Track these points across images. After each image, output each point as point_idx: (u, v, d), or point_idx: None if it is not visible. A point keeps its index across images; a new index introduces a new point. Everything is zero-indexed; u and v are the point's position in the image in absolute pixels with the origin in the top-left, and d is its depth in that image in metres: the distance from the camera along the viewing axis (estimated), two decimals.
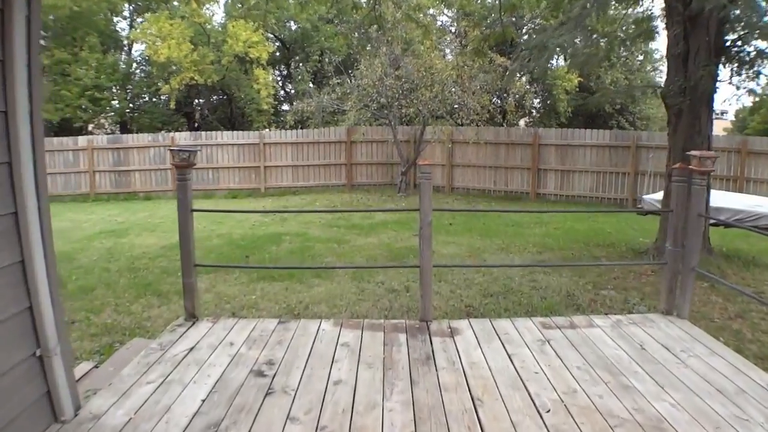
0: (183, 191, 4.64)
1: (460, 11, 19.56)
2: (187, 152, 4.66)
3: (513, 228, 11.42)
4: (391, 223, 11.85)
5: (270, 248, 9.55)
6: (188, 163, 4.61)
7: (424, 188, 4.48)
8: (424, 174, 4.48)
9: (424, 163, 4.47)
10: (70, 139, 18.36)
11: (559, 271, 7.84)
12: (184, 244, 4.77)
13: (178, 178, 4.72)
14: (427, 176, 4.45)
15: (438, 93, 15.12)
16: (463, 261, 8.32)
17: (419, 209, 4.55)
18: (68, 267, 8.90)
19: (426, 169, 4.44)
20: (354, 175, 18.20)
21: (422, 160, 4.04)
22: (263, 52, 21.08)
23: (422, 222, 4.51)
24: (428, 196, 4.47)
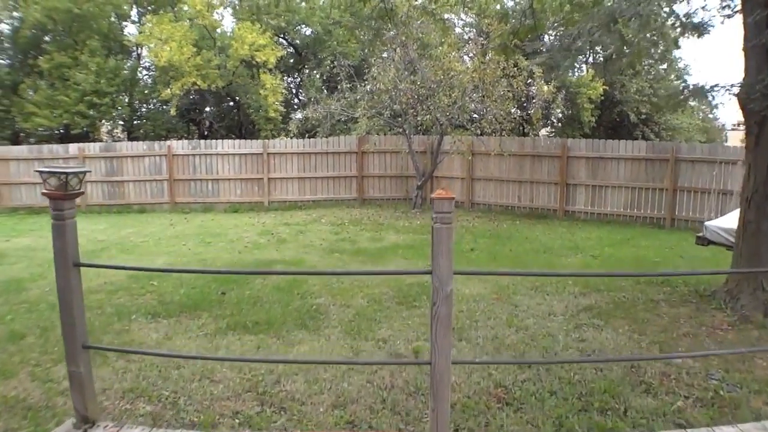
0: (61, 235, 3.07)
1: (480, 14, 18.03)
2: (64, 174, 3.07)
3: (545, 256, 9.71)
4: (402, 248, 10.21)
5: (255, 281, 7.94)
6: (66, 192, 3.02)
7: (441, 238, 2.83)
8: (440, 216, 2.83)
9: (442, 197, 2.83)
10: (61, 146, 17.10)
11: (611, 323, 6.14)
12: (65, 316, 3.20)
13: (53, 215, 3.14)
14: (446, 218, 2.81)
15: (457, 99, 13.52)
16: (490, 306, 6.63)
17: (431, 271, 2.89)
18: (13, 300, 7.48)
19: (443, 206, 2.80)
20: (365, 188, 16.61)
21: (438, 192, 2.31)
22: (271, 55, 19.62)
23: (436, 295, 2.89)
24: (447, 249, 2.83)
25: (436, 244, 2.82)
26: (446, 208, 2.77)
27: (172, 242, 11.25)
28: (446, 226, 2.81)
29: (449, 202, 2.80)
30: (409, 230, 12.18)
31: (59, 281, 3.35)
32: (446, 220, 2.80)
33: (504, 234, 11.82)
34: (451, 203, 2.82)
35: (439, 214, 2.79)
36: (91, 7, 20.81)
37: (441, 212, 2.78)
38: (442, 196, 2.80)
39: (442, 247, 2.81)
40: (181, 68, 19.08)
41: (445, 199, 2.77)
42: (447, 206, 2.78)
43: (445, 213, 2.79)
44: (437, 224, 2.82)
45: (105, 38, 22.03)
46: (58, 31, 21.48)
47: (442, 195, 2.81)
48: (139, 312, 6.70)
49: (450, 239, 2.85)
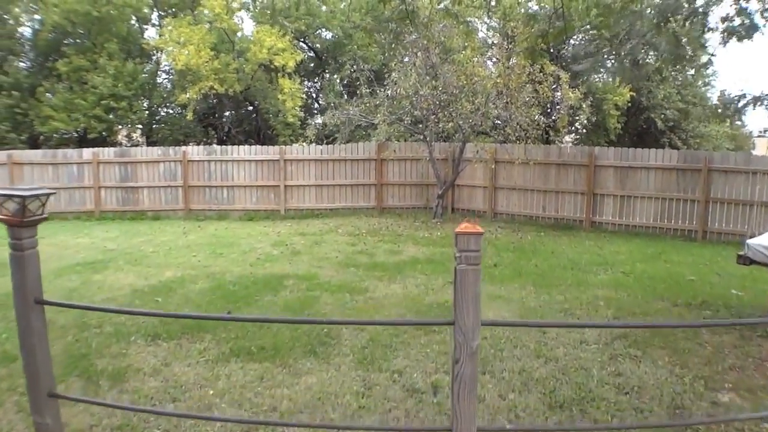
0: (20, 268, 2.63)
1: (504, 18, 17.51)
2: (21, 197, 2.62)
3: (572, 272, 9.11)
4: (422, 262, 9.68)
5: (264, 298, 7.49)
6: (24, 218, 2.56)
7: (466, 282, 2.31)
8: (465, 254, 2.31)
9: (468, 231, 2.31)
10: (75, 151, 16.82)
11: (649, 354, 5.58)
12: (27, 361, 2.76)
13: (10, 244, 2.70)
14: (472, 258, 2.29)
15: (480, 105, 12.98)
16: (516, 333, 6.08)
17: (453, 322, 2.37)
18: (10, 316, 6.92)
19: (470, 243, 2.29)
20: (384, 196, 16.09)
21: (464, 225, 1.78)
22: (289, 59, 19.21)
23: (460, 351, 2.36)
24: (474, 296, 2.31)
25: (460, 290, 2.30)
26: (473, 246, 2.26)
27: (182, 253, 10.83)
28: (473, 267, 2.29)
29: (476, 239, 2.28)
30: (429, 242, 11.64)
31: (19, 321, 2.91)
32: (473, 260, 2.28)
33: (528, 247, 11.24)
34: (479, 240, 2.31)
35: (464, 253, 2.27)
36: (110, 10, 20.62)
37: (466, 250, 2.26)
38: (468, 231, 2.28)
39: (467, 293, 2.29)
40: (199, 72, 18.77)
41: (471, 235, 2.26)
42: (474, 243, 2.26)
43: (471, 252, 2.28)
44: (462, 265, 2.30)
45: (124, 41, 21.85)
46: (78, 34, 21.32)
47: (468, 229, 2.30)
48: (139, 332, 6.26)
49: (477, 284, 2.33)
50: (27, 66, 22.23)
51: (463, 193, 15.90)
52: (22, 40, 22.35)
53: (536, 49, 8.81)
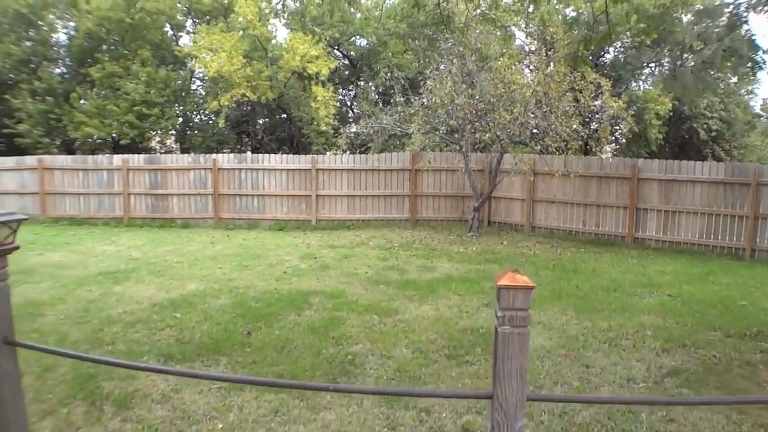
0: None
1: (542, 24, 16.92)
2: None
3: (616, 295, 8.48)
4: (456, 280, 9.13)
5: (287, 318, 7.05)
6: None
7: (510, 349, 1.80)
8: (510, 314, 1.80)
9: (515, 285, 1.80)
10: (105, 157, 16.77)
11: (703, 395, 5.00)
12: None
13: None
14: (519, 318, 1.80)
15: (519, 115, 12.42)
16: (557, 366, 5.53)
17: (492, 396, 1.86)
18: (25, 327, 6.81)
19: (517, 300, 1.78)
20: (418, 208, 15.58)
21: (508, 275, 1.23)
22: (323, 67, 18.87)
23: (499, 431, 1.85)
24: (519, 367, 1.81)
25: (502, 358, 1.80)
26: (520, 303, 1.76)
27: (207, 264, 10.49)
28: (519, 330, 1.80)
29: (525, 295, 1.78)
30: (464, 258, 11.08)
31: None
32: (519, 322, 1.78)
33: (569, 265, 10.61)
34: (528, 296, 1.81)
35: (509, 312, 1.77)
36: (144, 17, 20.61)
37: (511, 309, 1.77)
38: (514, 285, 1.78)
39: (511, 363, 1.80)
40: (231, 79, 18.56)
41: (519, 289, 1.76)
42: (521, 300, 1.76)
43: (517, 310, 1.78)
44: (505, 327, 1.80)
45: (157, 48, 21.85)
46: (111, 40, 21.38)
47: (515, 282, 1.79)
48: (152, 353, 5.90)
49: (524, 351, 1.83)
50: (61, 72, 22.38)
51: (499, 206, 15.31)
52: (57, 46, 22.52)
53: (579, 55, 8.22)
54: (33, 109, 19.78)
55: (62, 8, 21.63)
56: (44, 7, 21.01)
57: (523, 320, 1.84)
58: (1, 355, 2.49)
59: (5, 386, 2.52)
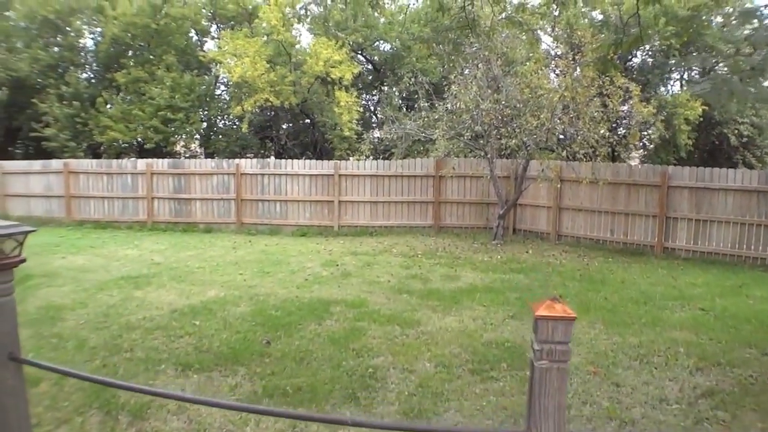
0: None
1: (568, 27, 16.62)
2: None
3: (646, 308, 8.19)
4: (480, 290, 8.91)
5: (307, 328, 6.90)
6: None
7: (548, 385, 1.61)
8: (548, 347, 1.61)
9: (555, 316, 1.61)
10: (129, 161, 16.86)
11: (740, 418, 4.74)
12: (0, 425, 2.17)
13: None
14: (559, 352, 1.62)
15: (546, 120, 12.17)
16: (585, 385, 5.30)
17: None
18: (44, 332, 6.78)
19: (556, 332, 1.60)
20: (442, 215, 15.36)
21: (548, 304, 1.04)
22: (346, 72, 18.78)
23: None
24: (557, 406, 1.63)
25: (539, 395, 1.62)
26: (560, 336, 1.58)
27: (229, 270, 10.40)
28: (558, 365, 1.62)
29: (565, 326, 1.60)
30: (488, 267, 10.85)
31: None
32: (558, 356, 1.60)
33: (596, 276, 10.32)
34: (569, 328, 1.63)
35: (547, 345, 1.60)
36: (169, 23, 20.74)
37: (550, 341, 1.59)
38: (554, 315, 1.59)
39: (548, 400, 1.62)
40: (254, 84, 18.55)
41: (559, 320, 1.58)
42: (562, 332, 1.58)
43: (556, 344, 1.60)
44: (542, 362, 1.62)
45: (182, 54, 22.01)
46: (137, 46, 21.56)
47: (554, 312, 1.61)
48: (170, 361, 5.80)
49: (563, 389, 1.65)
50: (88, 77, 22.63)
51: (525, 213, 15.03)
52: (84, 51, 22.79)
53: (609, 59, 7.98)
54: (60, 114, 19.98)
55: (89, 14, 21.91)
56: (71, 13, 21.28)
57: (563, 354, 1.66)
58: (6, 371, 2.36)
59: (9, 402, 2.39)
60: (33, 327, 6.96)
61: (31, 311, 7.65)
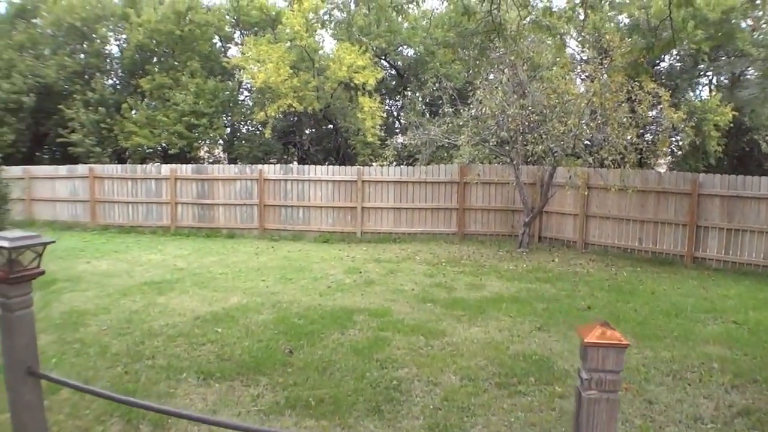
0: (8, 332, 2.03)
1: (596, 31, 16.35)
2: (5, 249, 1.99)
3: (677, 321, 7.94)
4: (507, 300, 8.73)
5: (330, 337, 6.78)
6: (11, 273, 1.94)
7: (596, 418, 1.47)
8: (598, 376, 1.47)
9: (606, 343, 1.47)
10: (154, 167, 16.93)
11: None
12: None
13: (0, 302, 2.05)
14: (609, 381, 1.50)
15: (574, 126, 11.95)
16: None
17: None
18: (67, 337, 6.79)
19: (607, 360, 1.46)
20: (466, 222, 15.17)
21: (598, 330, 0.91)
22: (370, 77, 18.69)
23: None
24: None
25: (587, 428, 1.49)
26: (611, 365, 1.46)
27: (251, 276, 10.34)
28: (608, 396, 1.50)
29: (617, 355, 1.48)
30: (514, 276, 10.65)
31: (9, 394, 2.26)
32: (608, 386, 1.48)
33: (625, 286, 10.07)
34: (621, 356, 1.49)
35: (596, 374, 1.47)
36: (193, 29, 20.87)
37: (600, 370, 1.46)
38: (605, 342, 1.46)
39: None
40: (278, 90, 18.55)
41: (610, 348, 1.44)
42: (613, 361, 1.46)
43: (607, 372, 1.47)
44: (591, 392, 1.50)
45: (206, 60, 22.14)
46: (161, 52, 21.73)
47: (606, 339, 1.47)
48: (192, 369, 5.73)
49: (612, 421, 1.51)
50: (113, 83, 22.86)
51: (551, 221, 14.78)
52: (109, 58, 23.03)
53: (640, 63, 7.78)
54: (86, 119, 20.17)
55: (114, 21, 22.16)
56: (97, 21, 21.52)
57: (614, 384, 1.52)
58: (24, 386, 2.28)
59: (27, 418, 2.31)
60: (56, 332, 6.97)
61: (55, 316, 7.66)
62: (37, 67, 20.98)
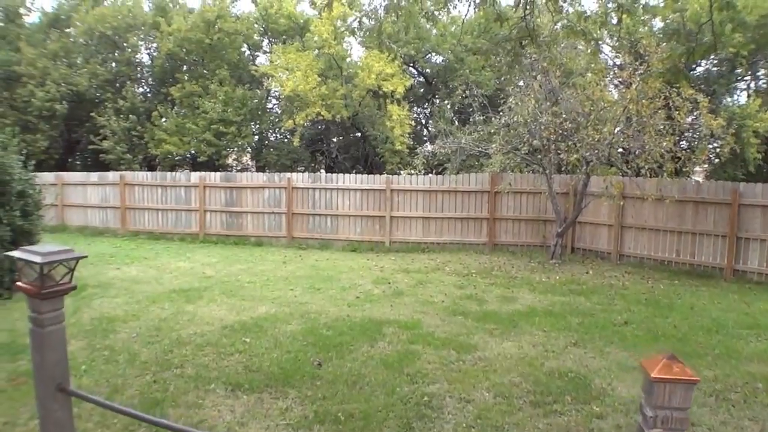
0: (39, 347, 1.94)
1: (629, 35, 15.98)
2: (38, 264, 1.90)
3: (718, 337, 7.63)
4: (540, 313, 8.50)
5: (359, 349, 6.64)
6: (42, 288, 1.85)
7: None
8: (665, 414, 1.36)
9: (676, 378, 1.33)
10: (183, 174, 17.02)
11: None
12: None
13: (30, 318, 1.97)
14: (677, 420, 1.38)
15: (609, 134, 11.68)
16: None
17: None
18: (97, 344, 6.79)
19: (675, 397, 1.33)
20: (497, 232, 14.92)
21: (665, 364, 0.77)
22: (398, 85, 18.60)
23: None
24: None
25: None
26: (679, 401, 1.33)
27: (279, 285, 10.25)
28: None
29: (685, 391, 1.35)
30: (546, 288, 10.40)
31: (39, 410, 2.16)
32: (675, 424, 1.41)
33: (663, 300, 9.74)
34: (690, 392, 1.34)
35: (663, 411, 1.34)
36: (222, 38, 21.03)
37: (667, 407, 1.32)
38: (672, 378, 1.31)
39: None
40: (306, 98, 18.55)
41: (677, 384, 1.30)
42: (681, 397, 1.35)
43: (674, 410, 1.32)
44: (657, 431, 1.33)
45: (235, 68, 22.29)
46: (191, 61, 21.93)
47: (672, 375, 1.32)
48: (220, 379, 5.64)
49: None
50: (144, 91, 23.15)
51: (584, 231, 14.46)
52: (140, 66, 23.31)
53: (680, 68, 7.50)
54: (117, 127, 20.43)
55: (145, 30, 22.45)
56: (128, 30, 21.82)
57: (681, 423, 1.39)
58: (54, 402, 2.18)
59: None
60: (86, 338, 6.97)
61: (85, 322, 7.67)
62: (70, 76, 21.31)
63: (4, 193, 9.03)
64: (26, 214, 9.47)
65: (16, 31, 22.40)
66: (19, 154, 9.82)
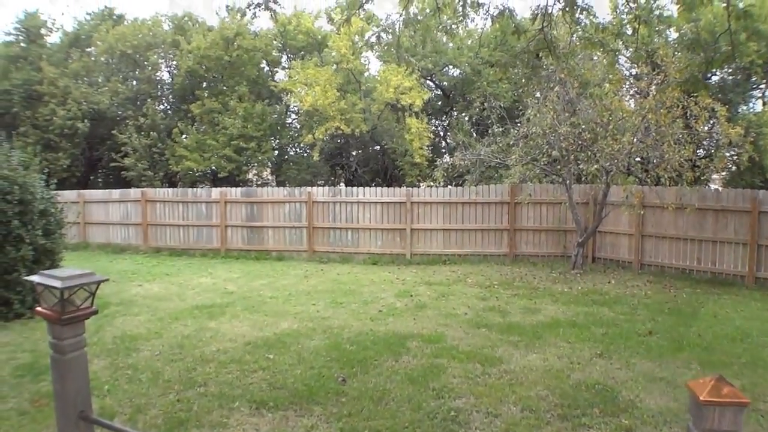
0: (61, 375, 1.96)
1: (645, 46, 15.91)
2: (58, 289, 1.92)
3: (744, 346, 7.52)
4: (564, 325, 8.44)
5: (383, 364, 6.63)
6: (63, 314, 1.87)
7: None
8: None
9: (727, 401, 1.39)
10: (204, 190, 17.17)
11: None
12: None
13: (50, 344, 1.99)
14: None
15: (628, 143, 11.62)
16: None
17: None
18: (119, 363, 6.82)
19: (723, 418, 1.39)
20: (517, 243, 14.86)
21: (714, 385, 0.77)
22: (417, 98, 18.65)
23: None
24: None
25: None
26: (728, 425, 1.33)
27: (301, 300, 10.27)
28: None
29: (735, 414, 1.34)
30: (569, 299, 10.33)
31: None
32: None
33: (686, 309, 9.65)
34: (739, 416, 1.34)
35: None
36: (241, 55, 21.23)
37: (716, 431, 1.28)
38: (722, 401, 1.30)
39: None
40: (325, 112, 18.66)
41: (727, 407, 1.29)
42: (730, 420, 1.34)
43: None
44: None
45: (254, 84, 22.48)
46: (211, 77, 22.17)
47: (722, 397, 1.32)
48: (244, 397, 5.65)
49: None
50: (164, 108, 23.42)
51: (605, 241, 14.36)
52: (160, 84, 23.60)
53: (698, 78, 7.48)
54: (138, 144, 20.67)
55: (165, 48, 22.75)
56: (148, 48, 22.15)
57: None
58: (76, 430, 2.18)
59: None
60: (109, 357, 6.99)
61: (108, 341, 7.70)
62: (91, 94, 21.63)
63: (26, 212, 9.10)
64: (48, 233, 9.54)
65: (37, 51, 22.79)
66: (41, 173, 9.95)
